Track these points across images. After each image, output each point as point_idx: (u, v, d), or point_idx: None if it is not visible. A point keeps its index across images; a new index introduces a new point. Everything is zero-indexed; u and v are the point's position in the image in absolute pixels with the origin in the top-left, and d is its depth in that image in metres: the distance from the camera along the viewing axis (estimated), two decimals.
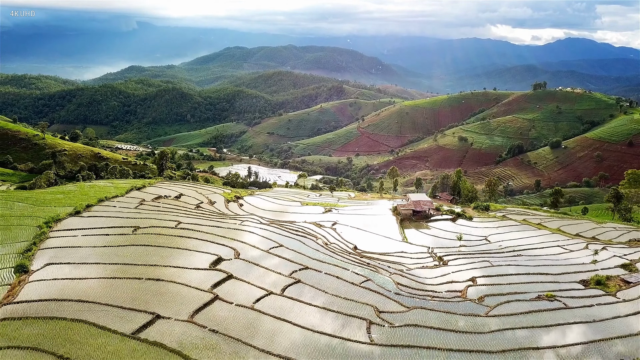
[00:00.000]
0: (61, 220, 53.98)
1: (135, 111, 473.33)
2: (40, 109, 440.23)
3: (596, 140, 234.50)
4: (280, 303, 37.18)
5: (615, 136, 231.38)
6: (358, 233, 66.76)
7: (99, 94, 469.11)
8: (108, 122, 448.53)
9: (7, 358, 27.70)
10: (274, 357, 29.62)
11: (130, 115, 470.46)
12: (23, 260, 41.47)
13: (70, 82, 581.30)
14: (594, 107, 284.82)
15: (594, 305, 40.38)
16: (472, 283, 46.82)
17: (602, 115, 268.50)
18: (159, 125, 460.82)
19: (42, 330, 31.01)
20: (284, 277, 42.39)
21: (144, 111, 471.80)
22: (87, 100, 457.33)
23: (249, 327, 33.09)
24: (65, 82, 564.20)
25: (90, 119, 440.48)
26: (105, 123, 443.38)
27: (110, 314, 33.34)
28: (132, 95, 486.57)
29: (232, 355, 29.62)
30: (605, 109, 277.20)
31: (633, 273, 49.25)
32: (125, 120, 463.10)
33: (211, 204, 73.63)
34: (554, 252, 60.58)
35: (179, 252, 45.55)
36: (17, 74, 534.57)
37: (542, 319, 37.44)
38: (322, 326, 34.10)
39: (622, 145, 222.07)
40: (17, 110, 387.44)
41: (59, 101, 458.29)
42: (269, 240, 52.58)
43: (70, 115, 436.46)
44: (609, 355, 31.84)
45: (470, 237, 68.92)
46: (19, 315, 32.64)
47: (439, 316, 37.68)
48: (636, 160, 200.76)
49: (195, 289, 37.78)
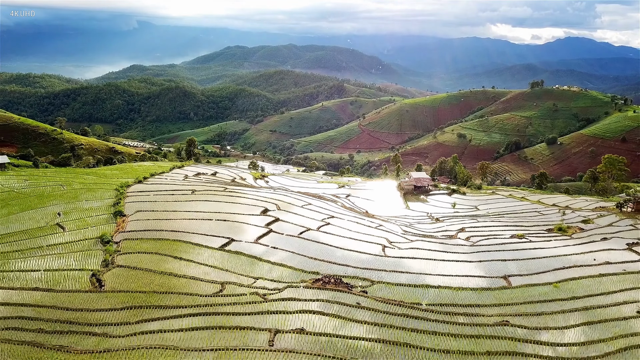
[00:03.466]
0: (130, 186, 66.79)
1: (139, 109, 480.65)
2: (46, 107, 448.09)
3: (591, 137, 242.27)
4: (317, 234, 50.31)
5: (610, 133, 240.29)
6: (368, 202, 79.62)
7: (103, 93, 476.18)
8: (113, 120, 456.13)
9: (144, 256, 40.69)
10: (326, 264, 42.52)
11: (135, 114, 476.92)
12: (118, 208, 54.29)
13: (74, 80, 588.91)
14: (590, 105, 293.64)
15: (552, 240, 53.47)
16: (461, 230, 59.81)
17: (598, 113, 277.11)
18: (162, 123, 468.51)
19: (154, 245, 43.97)
20: (317, 221, 55.44)
21: (148, 109, 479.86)
22: (92, 98, 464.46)
23: (298, 246, 46.15)
24: (69, 81, 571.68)
25: (95, 117, 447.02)
26: (109, 121, 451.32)
27: (198, 238, 46.28)
28: (136, 94, 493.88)
29: (290, 258, 42.68)
30: (601, 106, 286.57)
31: (589, 224, 62.29)
32: (130, 119, 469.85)
33: (243, 180, 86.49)
34: (531, 214, 73.55)
35: (234, 205, 58.52)
36: (22, 73, 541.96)
37: (510, 247, 50.54)
38: (350, 247, 47.17)
39: (616, 141, 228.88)
40: (22, 109, 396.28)
41: (64, 99, 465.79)
42: (300, 201, 65.59)
43: (75, 113, 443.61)
44: (549, 266, 44.86)
45: (463, 206, 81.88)
46: (133, 237, 45.62)
47: (434, 245, 50.74)
48: (629, 155, 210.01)
49: (254, 226, 50.83)
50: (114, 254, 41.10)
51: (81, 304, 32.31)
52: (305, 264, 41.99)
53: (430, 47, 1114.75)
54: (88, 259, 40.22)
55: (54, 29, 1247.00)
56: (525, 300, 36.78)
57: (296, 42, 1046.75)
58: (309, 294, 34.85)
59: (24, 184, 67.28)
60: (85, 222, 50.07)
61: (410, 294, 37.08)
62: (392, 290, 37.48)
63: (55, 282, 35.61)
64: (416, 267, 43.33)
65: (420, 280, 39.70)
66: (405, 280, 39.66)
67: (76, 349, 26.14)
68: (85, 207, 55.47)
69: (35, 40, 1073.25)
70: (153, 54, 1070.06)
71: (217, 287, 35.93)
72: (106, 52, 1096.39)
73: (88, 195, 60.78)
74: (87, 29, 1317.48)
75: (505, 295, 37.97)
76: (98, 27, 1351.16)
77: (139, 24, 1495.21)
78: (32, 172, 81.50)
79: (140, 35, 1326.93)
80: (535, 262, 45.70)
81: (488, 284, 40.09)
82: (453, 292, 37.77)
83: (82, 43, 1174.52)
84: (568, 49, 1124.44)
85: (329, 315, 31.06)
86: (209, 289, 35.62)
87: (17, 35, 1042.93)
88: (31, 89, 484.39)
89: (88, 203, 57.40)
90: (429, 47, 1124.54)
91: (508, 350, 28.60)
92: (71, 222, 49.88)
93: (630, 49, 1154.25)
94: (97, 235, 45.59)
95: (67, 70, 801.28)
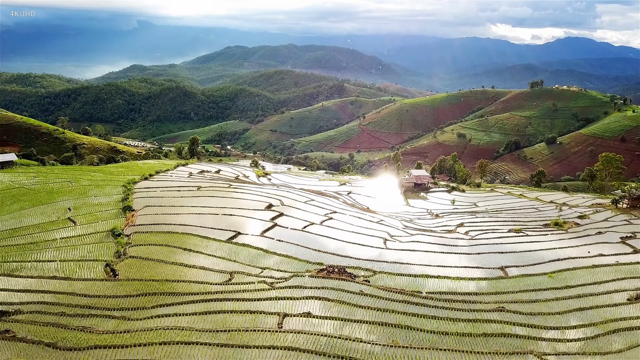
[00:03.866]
0: (137, 183, 68.43)
1: (140, 109, 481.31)
2: (46, 107, 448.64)
3: (590, 136, 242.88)
4: (321, 228, 52.00)
5: (609, 132, 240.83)
6: (369, 199, 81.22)
7: (104, 93, 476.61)
8: (113, 120, 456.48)
9: (155, 248, 42.31)
10: (330, 255, 44.16)
11: (135, 113, 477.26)
12: (127, 203, 55.91)
13: (74, 80, 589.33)
14: (589, 105, 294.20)
15: (548, 234, 55.12)
16: (460, 225, 61.46)
17: (597, 113, 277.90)
18: (163, 123, 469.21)
19: (164, 238, 45.60)
20: (320, 216, 57.11)
21: (149, 109, 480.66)
22: (92, 98, 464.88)
23: (303, 239, 47.82)
24: (69, 81, 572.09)
25: (95, 117, 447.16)
26: (110, 121, 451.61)
27: (205, 231, 47.93)
28: (137, 94, 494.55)
29: (295, 250, 44.31)
30: (600, 106, 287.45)
31: (585, 220, 63.93)
32: (130, 118, 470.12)
33: (246, 177, 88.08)
34: (528, 210, 75.20)
35: (239, 200, 60.18)
36: (22, 73, 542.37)
37: (507, 240, 52.23)
38: (353, 240, 48.84)
39: (615, 141, 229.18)
40: (23, 108, 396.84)
41: (65, 99, 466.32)
42: (303, 197, 67.24)
43: (75, 113, 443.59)
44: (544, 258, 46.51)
45: (462, 203, 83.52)
46: (143, 231, 47.26)
47: (434, 239, 52.41)
48: (628, 154, 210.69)
49: (259, 220, 52.52)
50: (125, 246, 42.74)
51: (98, 291, 33.94)
52: (310, 255, 43.62)
53: (430, 47, 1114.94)
54: (101, 250, 41.85)
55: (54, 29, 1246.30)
56: (520, 289, 38.40)
57: (296, 42, 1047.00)
58: (314, 282, 36.49)
59: (33, 180, 68.92)
60: (95, 217, 51.71)
61: (411, 283, 38.72)
62: (393, 280, 39.13)
63: (71, 271, 37.26)
64: (416, 258, 44.97)
65: (421, 271, 41.32)
66: (406, 270, 41.30)
67: (98, 330, 27.79)
68: (94, 203, 57.10)
69: (36, 40, 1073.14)
70: (153, 54, 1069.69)
71: (226, 276, 37.59)
72: (106, 52, 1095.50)
73: (96, 192, 62.43)
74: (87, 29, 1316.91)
75: (501, 284, 39.62)
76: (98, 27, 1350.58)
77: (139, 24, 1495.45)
78: (40, 170, 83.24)
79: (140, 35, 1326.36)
80: (532, 254, 47.33)
81: (485, 275, 41.75)
82: (452, 281, 39.44)
83: (82, 43, 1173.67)
84: (568, 49, 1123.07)
85: (333, 301, 32.70)
86: (219, 278, 37.28)
87: (18, 35, 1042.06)
88: (32, 89, 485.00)
89: (97, 199, 59.04)
90: (429, 47, 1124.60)
91: (503, 332, 30.22)
92: (82, 217, 51.51)
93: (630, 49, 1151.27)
94: (108, 228, 47.20)
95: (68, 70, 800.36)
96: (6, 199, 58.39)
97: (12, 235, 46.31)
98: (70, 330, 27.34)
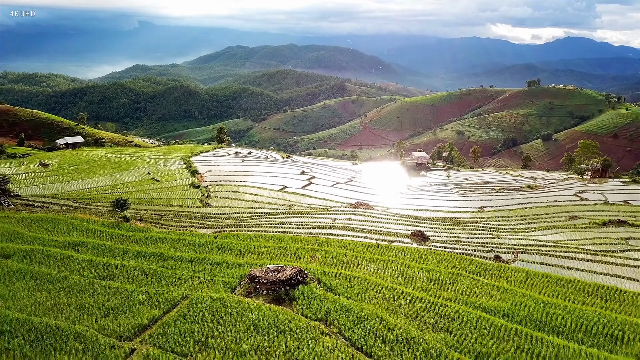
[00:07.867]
0: (190, 157, 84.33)
1: (145, 108, 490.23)
2: (53, 106, 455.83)
3: (584, 133, 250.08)
4: (346, 185, 68.15)
5: (602, 129, 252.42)
6: (378, 175, 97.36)
7: (110, 92, 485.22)
8: (119, 119, 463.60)
9: (228, 193, 58.27)
10: (353, 201, 60.14)
11: (140, 112, 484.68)
12: (193, 168, 71.92)
13: (79, 80, 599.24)
14: (585, 103, 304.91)
15: (520, 192, 71.28)
16: (453, 188, 77.55)
17: (592, 111, 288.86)
18: (167, 122, 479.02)
19: (232, 188, 61.60)
20: (344, 178, 73.54)
21: (154, 108, 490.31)
22: (98, 97, 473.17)
23: (334, 191, 64.00)
24: (74, 81, 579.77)
25: (102, 115, 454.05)
26: (116, 119, 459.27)
27: (261, 185, 64.04)
28: (141, 93, 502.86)
29: (330, 195, 60.38)
30: (595, 104, 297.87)
31: (553, 185, 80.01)
32: (136, 117, 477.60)
33: (274, 158, 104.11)
34: (510, 182, 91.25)
35: (278, 168, 76.45)
36: (28, 73, 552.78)
37: (488, 196, 68.38)
38: (372, 192, 64.88)
39: (608, 137, 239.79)
40: (31, 107, 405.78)
41: (71, 98, 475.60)
42: (327, 168, 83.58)
43: (82, 111, 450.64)
44: (513, 202, 62.47)
45: (456, 178, 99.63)
46: (214, 183, 63.19)
47: (432, 195, 68.58)
48: (620, 150, 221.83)
49: (298, 180, 68.97)
50: (206, 191, 58.62)
51: (202, 213, 49.81)
52: (341, 199, 59.71)
53: (430, 47, 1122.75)
54: (191, 194, 57.75)
55: (56, 29, 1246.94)
56: (492, 217, 54.48)
57: (297, 42, 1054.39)
58: (349, 210, 52.50)
59: (105, 156, 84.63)
60: (172, 177, 67.61)
61: (415, 213, 54.74)
62: (402, 211, 55.15)
63: (179, 202, 53.16)
64: (419, 202, 61.08)
65: (423, 207, 57.39)
66: (411, 206, 57.35)
67: (210, 226, 43.75)
68: (165, 169, 72.99)
69: (37, 40, 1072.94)
70: (154, 53, 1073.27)
71: (288, 205, 53.63)
72: (108, 52, 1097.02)
73: (163, 162, 78.29)
74: (89, 29, 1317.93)
75: (479, 215, 55.74)
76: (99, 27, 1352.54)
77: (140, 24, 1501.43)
78: (104, 150, 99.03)
79: (141, 35, 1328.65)
80: (505, 201, 63.53)
81: (468, 210, 57.86)
82: (444, 213, 55.52)
83: (84, 43, 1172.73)
84: (568, 48, 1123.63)
85: (363, 215, 48.71)
86: (282, 206, 53.24)
87: (19, 35, 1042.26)
88: (38, 88, 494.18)
89: (166, 167, 74.93)
90: (429, 47, 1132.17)
91: (477, 228, 46.36)
92: (162, 177, 67.37)
93: (630, 48, 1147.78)
94: (188, 183, 63.10)
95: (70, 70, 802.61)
96: (94, 167, 74.15)
97: (115, 188, 62.06)
98: (188, 228, 43.40)
